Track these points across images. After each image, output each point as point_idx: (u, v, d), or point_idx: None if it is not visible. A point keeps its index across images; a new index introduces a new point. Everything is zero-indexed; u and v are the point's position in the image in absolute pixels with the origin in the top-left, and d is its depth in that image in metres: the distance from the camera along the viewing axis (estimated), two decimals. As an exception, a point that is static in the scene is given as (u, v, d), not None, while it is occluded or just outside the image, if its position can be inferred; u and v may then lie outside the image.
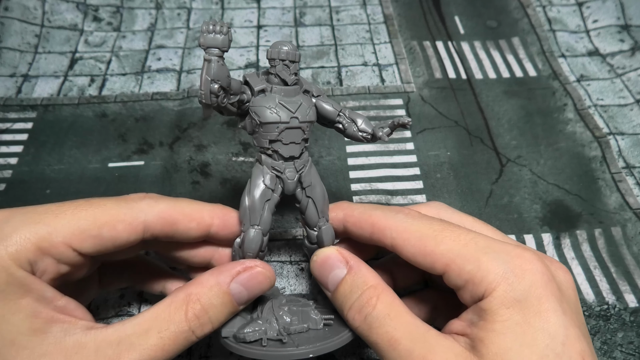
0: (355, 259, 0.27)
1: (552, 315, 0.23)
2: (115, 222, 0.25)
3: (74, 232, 0.24)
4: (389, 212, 0.28)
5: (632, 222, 0.40)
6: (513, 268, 0.24)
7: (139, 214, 0.26)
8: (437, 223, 0.27)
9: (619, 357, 0.33)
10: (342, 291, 0.26)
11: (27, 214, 0.24)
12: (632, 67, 0.53)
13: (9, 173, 0.44)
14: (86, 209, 0.25)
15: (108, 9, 0.59)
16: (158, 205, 0.27)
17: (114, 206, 0.26)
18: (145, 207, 0.26)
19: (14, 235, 0.23)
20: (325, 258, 0.28)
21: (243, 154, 0.45)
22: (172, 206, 0.27)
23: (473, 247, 0.25)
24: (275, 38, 0.57)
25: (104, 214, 0.25)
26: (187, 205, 0.27)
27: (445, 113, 0.49)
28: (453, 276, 0.25)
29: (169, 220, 0.27)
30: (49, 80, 0.52)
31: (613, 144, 0.46)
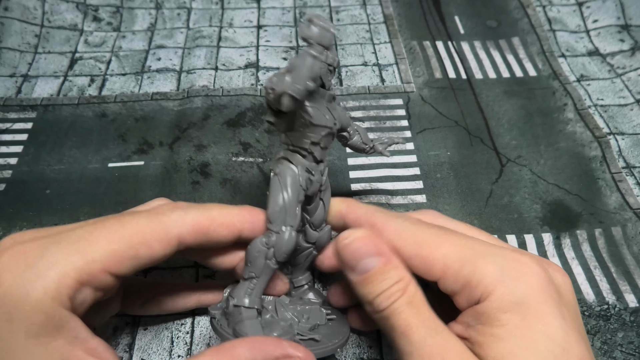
0: (387, 250, 0.26)
1: (551, 319, 0.23)
2: (150, 241, 0.25)
3: (111, 258, 0.23)
4: (390, 215, 0.28)
5: (632, 222, 0.40)
6: (510, 271, 0.24)
7: (172, 228, 0.25)
8: (434, 228, 0.27)
9: (619, 357, 0.33)
10: (374, 279, 0.25)
11: (61, 244, 0.23)
12: (632, 67, 0.53)
13: (9, 173, 0.44)
14: (120, 231, 0.24)
15: (108, 9, 0.59)
16: (189, 215, 0.26)
17: (147, 223, 0.25)
18: (177, 219, 0.26)
19: (52, 272, 0.22)
20: (359, 243, 0.26)
21: (243, 154, 0.45)
22: (203, 215, 0.26)
23: (470, 252, 0.25)
24: (275, 38, 0.57)
25: (138, 233, 0.24)
26: (217, 213, 0.27)
27: (445, 113, 0.49)
28: (449, 281, 0.25)
29: (201, 230, 0.26)
30: (48, 80, 0.52)
31: (613, 143, 0.46)
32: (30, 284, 0.22)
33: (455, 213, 0.41)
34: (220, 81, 0.52)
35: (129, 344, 0.33)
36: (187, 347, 0.33)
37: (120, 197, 0.42)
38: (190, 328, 0.34)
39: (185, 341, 0.33)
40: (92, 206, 0.41)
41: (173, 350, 0.33)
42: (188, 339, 0.33)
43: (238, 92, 0.50)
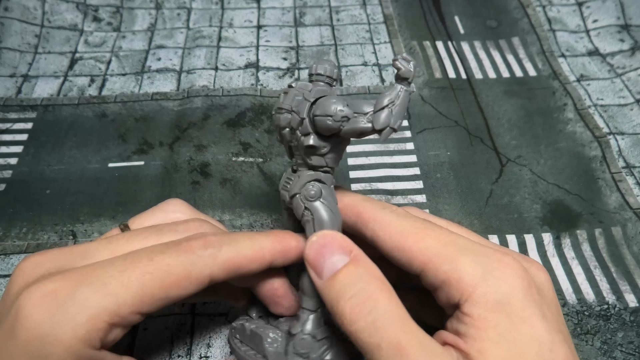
0: (360, 251, 0.25)
1: (536, 320, 0.22)
2: (182, 282, 0.24)
3: (142, 300, 0.23)
4: (377, 205, 0.27)
5: (632, 222, 0.40)
6: (492, 271, 0.23)
7: (204, 269, 0.24)
8: (420, 222, 0.26)
9: (619, 357, 0.33)
10: (342, 280, 0.23)
11: (93, 285, 0.23)
12: (632, 66, 0.53)
13: (9, 173, 0.44)
14: (152, 272, 0.23)
15: (108, 9, 0.59)
16: (221, 255, 0.25)
17: (178, 264, 0.24)
18: (209, 260, 0.25)
19: (82, 315, 0.22)
20: (327, 241, 0.25)
21: (243, 154, 0.45)
22: (235, 254, 0.25)
23: (452, 248, 0.24)
24: (275, 38, 0.57)
25: (170, 275, 0.24)
26: (248, 248, 0.26)
27: (445, 113, 0.49)
28: (430, 276, 0.24)
29: (232, 268, 0.25)
30: (49, 81, 0.52)
31: (613, 143, 0.46)
32: (61, 327, 0.22)
33: (455, 213, 0.41)
34: (220, 81, 0.52)
35: (129, 344, 0.33)
36: (187, 347, 0.33)
37: (120, 197, 0.42)
38: (190, 328, 0.34)
39: (185, 341, 0.33)
40: (92, 206, 0.41)
41: (173, 350, 0.33)
42: (188, 339, 0.33)
43: (238, 92, 0.50)
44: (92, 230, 0.40)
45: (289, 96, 0.27)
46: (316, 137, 0.26)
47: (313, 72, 0.28)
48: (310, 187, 0.27)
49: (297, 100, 0.27)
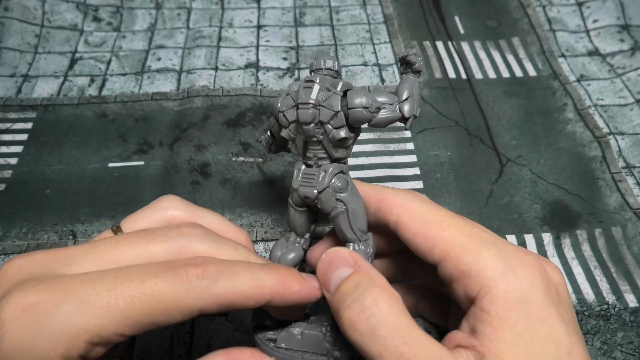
0: (366, 262, 0.25)
1: (556, 321, 0.22)
2: (170, 311, 0.22)
3: (126, 324, 0.22)
4: (400, 192, 0.27)
5: (632, 222, 0.40)
6: (514, 268, 0.23)
7: (196, 302, 0.23)
8: (444, 210, 0.26)
9: (619, 357, 0.33)
10: (343, 289, 0.23)
11: (76, 302, 0.21)
12: (632, 67, 0.53)
13: (9, 173, 0.44)
14: (140, 297, 0.22)
15: (108, 9, 0.59)
16: (217, 288, 0.23)
17: (170, 292, 0.22)
18: (203, 292, 0.23)
19: (63, 333, 0.21)
20: (334, 257, 0.25)
21: (243, 154, 0.45)
22: (232, 288, 0.23)
23: (476, 240, 0.24)
24: (275, 38, 0.57)
25: (159, 303, 0.22)
26: (247, 285, 0.24)
27: (445, 113, 0.49)
28: (449, 266, 0.24)
29: (226, 304, 0.23)
30: (49, 80, 0.52)
31: (613, 143, 0.46)
32: (42, 344, 0.21)
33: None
34: (220, 81, 0.52)
35: (128, 344, 0.33)
36: (187, 347, 0.33)
37: (120, 197, 0.42)
38: (190, 328, 0.34)
39: (185, 341, 0.33)
40: (92, 206, 0.41)
41: (173, 350, 0.33)
42: (188, 339, 0.33)
43: (238, 92, 0.50)
44: (92, 230, 0.40)
45: (312, 91, 0.27)
46: (347, 129, 0.27)
47: (321, 67, 0.28)
48: (337, 179, 0.28)
49: (325, 94, 0.27)
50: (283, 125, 0.28)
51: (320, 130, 0.27)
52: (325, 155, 0.28)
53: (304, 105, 0.27)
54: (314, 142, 0.28)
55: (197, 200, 0.42)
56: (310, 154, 0.28)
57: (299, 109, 0.27)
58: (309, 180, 0.28)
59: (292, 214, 0.29)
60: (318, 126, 0.27)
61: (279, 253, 0.29)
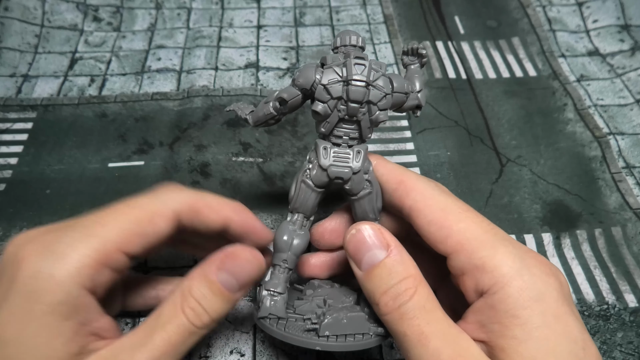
0: (396, 242, 0.25)
1: (570, 318, 0.22)
2: (153, 217, 0.26)
3: (122, 236, 0.25)
4: (420, 177, 0.28)
5: (632, 222, 0.40)
6: (528, 266, 0.23)
7: (170, 204, 0.27)
8: (462, 203, 0.26)
9: (618, 357, 0.33)
10: (379, 274, 0.24)
11: (77, 229, 0.25)
12: (632, 67, 0.53)
13: (9, 173, 0.44)
14: (126, 212, 0.26)
15: (108, 9, 0.59)
16: (185, 194, 0.28)
17: (148, 202, 0.27)
18: (175, 197, 0.27)
19: (72, 254, 0.23)
20: (366, 234, 0.25)
21: (243, 154, 0.45)
22: (197, 195, 0.28)
23: (492, 236, 0.24)
24: (275, 38, 0.57)
25: (142, 211, 0.26)
26: (210, 197, 0.28)
27: (445, 113, 0.49)
28: (463, 258, 0.24)
29: (194, 208, 0.27)
30: (49, 80, 0.52)
31: (613, 143, 0.46)
32: (53, 266, 0.23)
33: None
34: (220, 81, 0.52)
35: (129, 344, 0.33)
36: (187, 347, 0.33)
37: (120, 197, 0.42)
38: (190, 328, 0.34)
39: (185, 341, 0.33)
40: (92, 206, 0.41)
41: (173, 350, 0.33)
42: (188, 339, 0.33)
43: (238, 92, 0.50)
44: (92, 230, 0.40)
45: (365, 69, 0.26)
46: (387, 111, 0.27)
47: (351, 43, 0.28)
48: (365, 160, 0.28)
49: (375, 74, 0.26)
50: (321, 99, 0.26)
51: (364, 109, 0.26)
52: (357, 136, 0.28)
53: (357, 82, 0.26)
54: (350, 122, 0.27)
55: (197, 200, 0.42)
56: (341, 133, 0.27)
57: (350, 85, 0.26)
58: (343, 160, 0.27)
59: (306, 195, 0.28)
60: (363, 106, 0.26)
61: (286, 238, 0.28)
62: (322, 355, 0.33)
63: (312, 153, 0.28)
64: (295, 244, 0.28)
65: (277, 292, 0.28)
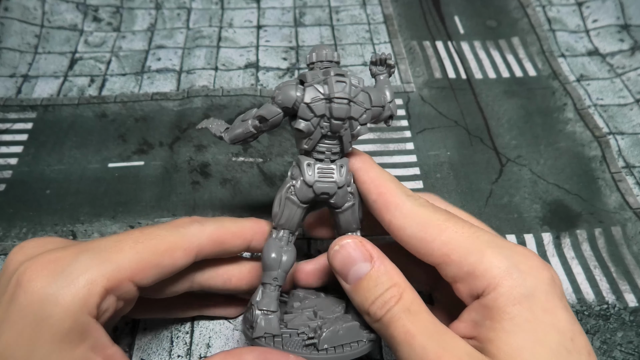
0: (379, 253, 0.26)
1: (559, 311, 0.23)
2: (173, 250, 0.26)
3: (137, 266, 0.25)
4: (400, 190, 0.27)
5: (632, 222, 0.40)
6: (517, 264, 0.24)
7: (192, 239, 0.27)
8: (442, 212, 0.26)
9: (618, 357, 0.33)
10: (365, 286, 0.25)
11: (90, 252, 0.24)
12: (632, 66, 0.53)
13: (9, 173, 0.44)
14: (144, 241, 0.26)
15: (108, 9, 0.59)
16: (207, 228, 0.28)
17: (168, 234, 0.26)
18: (196, 231, 0.27)
19: (81, 279, 0.23)
20: (349, 250, 0.26)
21: (243, 154, 0.45)
22: (219, 228, 0.28)
23: (476, 240, 0.25)
24: (275, 38, 0.57)
25: (162, 243, 0.26)
26: (232, 225, 0.29)
27: (445, 113, 0.49)
28: (452, 267, 0.25)
29: (217, 240, 0.28)
30: (48, 81, 0.52)
31: (613, 143, 0.46)
32: (61, 291, 0.23)
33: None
34: (220, 81, 0.52)
35: (129, 344, 0.33)
36: (187, 347, 0.33)
37: (120, 197, 0.42)
38: (190, 328, 0.34)
39: (184, 341, 0.33)
40: (92, 206, 0.41)
41: (173, 350, 0.33)
42: (188, 339, 0.33)
43: (238, 92, 0.50)
44: (92, 230, 0.40)
45: (344, 86, 0.26)
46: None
47: (324, 59, 0.28)
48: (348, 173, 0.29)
49: (354, 90, 0.27)
50: (304, 117, 0.26)
51: (346, 125, 0.27)
52: (339, 150, 0.28)
53: (339, 100, 0.26)
54: (332, 137, 0.27)
55: (197, 201, 0.42)
56: (323, 148, 0.28)
57: (332, 103, 0.26)
58: (327, 175, 0.28)
59: (292, 212, 0.28)
60: (345, 122, 0.27)
61: (275, 255, 0.27)
62: None
63: (295, 169, 0.28)
64: (285, 260, 0.28)
65: (270, 311, 0.27)
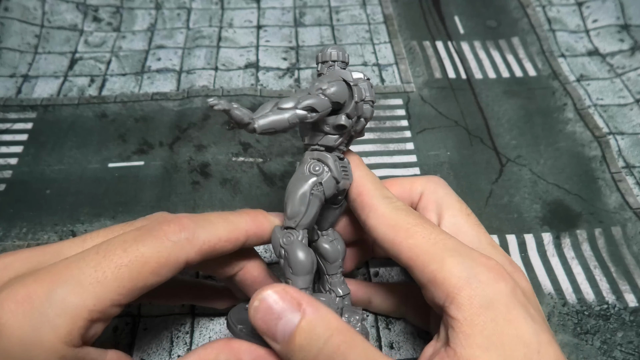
0: (308, 299, 0.22)
1: (522, 322, 0.22)
2: (158, 270, 0.23)
3: (120, 293, 0.23)
4: (379, 192, 0.27)
5: (632, 222, 0.40)
6: (476, 274, 0.23)
7: (180, 255, 0.24)
8: (413, 217, 0.26)
9: (618, 357, 0.33)
10: (300, 342, 0.21)
11: (68, 284, 0.22)
12: (632, 66, 0.53)
13: (9, 173, 0.44)
14: (127, 264, 0.23)
15: (108, 9, 0.59)
16: (196, 238, 0.25)
17: (153, 252, 0.23)
18: (184, 244, 0.24)
19: (62, 316, 0.21)
20: (269, 302, 0.22)
21: (243, 154, 0.45)
22: (211, 235, 0.25)
23: (440, 247, 0.24)
24: (275, 38, 0.57)
25: (145, 265, 0.23)
26: (224, 229, 0.26)
27: (445, 113, 0.49)
28: (417, 273, 0.24)
29: (208, 250, 0.25)
30: (48, 81, 0.52)
31: (613, 143, 0.46)
32: (42, 330, 0.21)
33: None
34: (220, 81, 0.52)
35: (129, 344, 0.33)
36: (187, 347, 0.33)
37: (120, 197, 0.42)
38: (190, 328, 0.34)
39: (185, 341, 0.33)
40: (92, 206, 0.41)
41: (173, 350, 0.33)
42: (188, 339, 0.33)
43: (238, 92, 0.50)
44: (92, 230, 0.40)
45: (370, 88, 0.28)
46: None
47: (337, 59, 0.28)
48: None
49: (371, 91, 0.28)
50: (350, 115, 0.27)
51: (359, 123, 0.28)
52: (345, 147, 0.29)
53: (372, 102, 0.28)
54: (348, 135, 0.28)
55: (197, 201, 0.42)
56: (342, 146, 0.29)
57: (370, 106, 0.28)
58: (346, 171, 0.28)
59: (316, 209, 0.27)
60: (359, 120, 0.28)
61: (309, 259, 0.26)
62: None
63: (316, 164, 0.27)
64: (314, 261, 0.27)
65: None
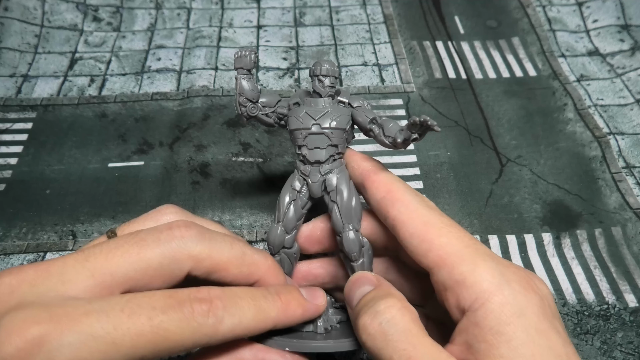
0: (386, 282, 0.26)
1: (553, 334, 0.22)
2: (175, 348, 0.23)
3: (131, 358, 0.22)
4: (409, 190, 0.27)
5: (632, 222, 0.40)
6: (509, 281, 0.23)
7: (202, 339, 0.23)
8: (445, 217, 0.26)
9: (618, 357, 0.33)
10: (363, 302, 0.25)
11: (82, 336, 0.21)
12: (632, 66, 0.53)
13: (9, 173, 0.44)
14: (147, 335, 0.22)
15: (108, 9, 0.59)
16: (222, 327, 0.23)
17: (176, 330, 0.22)
18: (208, 330, 0.23)
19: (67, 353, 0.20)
20: (358, 277, 0.27)
21: (243, 154, 0.45)
22: (237, 324, 0.24)
23: (473, 251, 0.24)
24: (275, 38, 0.57)
25: (165, 341, 0.22)
26: (252, 319, 0.25)
27: (445, 113, 0.49)
28: (444, 273, 0.24)
29: (230, 338, 0.24)
30: (48, 81, 0.52)
31: (613, 143, 0.46)
32: None
33: (455, 213, 0.41)
34: (220, 81, 0.52)
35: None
36: (187, 347, 0.33)
37: (120, 197, 0.42)
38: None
39: None
40: (92, 206, 0.41)
41: (173, 350, 0.33)
42: None
43: (238, 92, 0.50)
44: (92, 230, 0.40)
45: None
46: None
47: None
48: None
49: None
50: None
51: None
52: None
53: None
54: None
55: (197, 201, 0.42)
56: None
57: None
58: None
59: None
60: None
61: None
62: (322, 355, 0.33)
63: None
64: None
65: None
